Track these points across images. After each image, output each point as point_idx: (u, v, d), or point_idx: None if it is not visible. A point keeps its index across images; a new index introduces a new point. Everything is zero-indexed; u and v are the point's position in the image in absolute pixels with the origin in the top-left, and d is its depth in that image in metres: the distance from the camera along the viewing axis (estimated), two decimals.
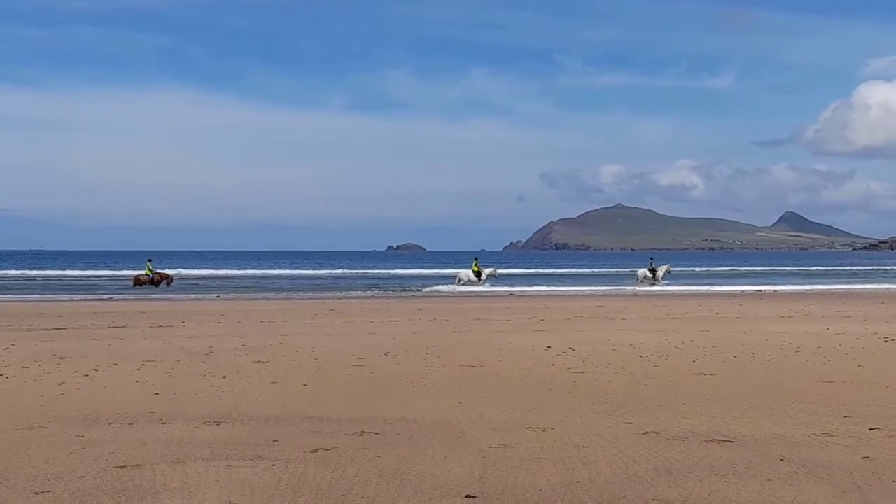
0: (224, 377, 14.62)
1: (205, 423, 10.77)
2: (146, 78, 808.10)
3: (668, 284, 59.94)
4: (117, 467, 8.54)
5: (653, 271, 63.63)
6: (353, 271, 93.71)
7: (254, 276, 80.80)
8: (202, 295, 48.99)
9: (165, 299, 44.16)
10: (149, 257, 61.23)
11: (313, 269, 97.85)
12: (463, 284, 58.14)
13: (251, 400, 12.42)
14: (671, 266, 66.63)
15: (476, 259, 62.55)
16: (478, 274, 59.11)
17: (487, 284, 58.38)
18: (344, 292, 52.53)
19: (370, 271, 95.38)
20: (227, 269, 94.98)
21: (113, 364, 16.23)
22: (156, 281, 57.03)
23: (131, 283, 58.60)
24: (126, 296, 47.94)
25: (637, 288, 57.92)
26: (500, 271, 64.08)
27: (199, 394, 13.00)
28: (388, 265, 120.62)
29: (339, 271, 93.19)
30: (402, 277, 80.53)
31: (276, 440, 9.74)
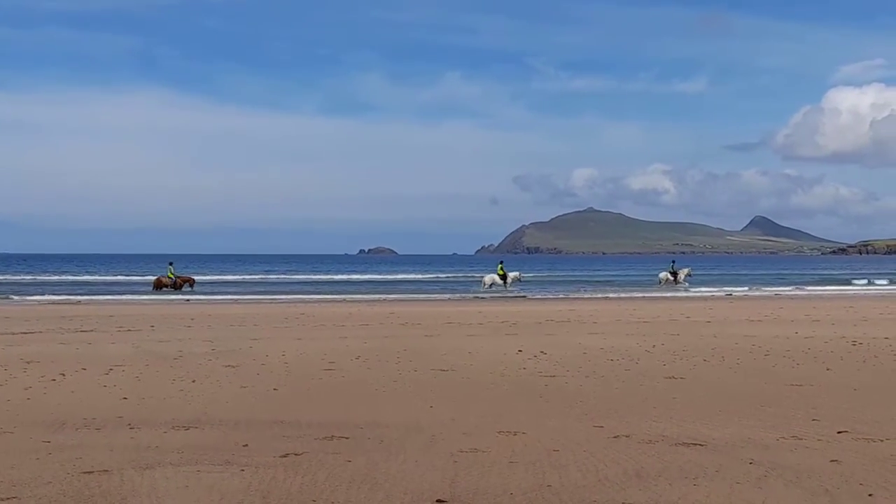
0: (193, 381, 14.51)
1: (173, 427, 10.68)
2: (117, 79, 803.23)
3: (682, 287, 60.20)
4: (84, 473, 8.45)
5: (674, 274, 64.45)
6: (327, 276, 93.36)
7: (224, 281, 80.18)
8: (172, 298, 48.65)
9: (135, 303, 43.87)
10: (170, 261, 60.74)
11: (286, 274, 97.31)
12: (488, 288, 58.23)
13: (220, 404, 12.33)
14: (691, 269, 67.18)
15: (501, 263, 62.79)
16: (503, 278, 59.38)
17: (513, 288, 58.58)
18: (317, 296, 52.39)
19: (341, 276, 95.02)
20: (198, 272, 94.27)
21: (80, 368, 16.06)
22: (178, 284, 56.22)
23: (152, 286, 57.77)
24: (95, 299, 47.53)
25: (659, 291, 58.98)
26: (524, 276, 63.70)
27: (168, 398, 12.89)
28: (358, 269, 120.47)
29: (318, 276, 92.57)
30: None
31: (246, 445, 9.67)
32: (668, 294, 55.11)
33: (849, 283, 71.62)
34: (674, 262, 70.58)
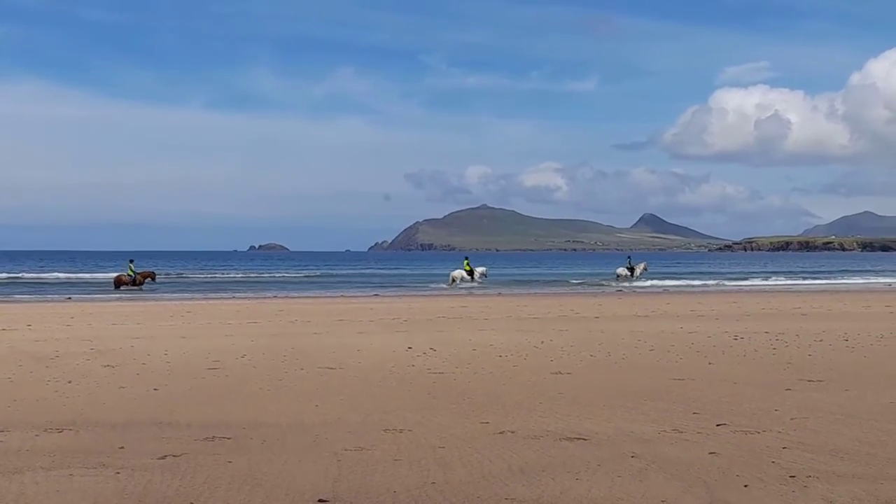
0: (69, 382, 14.00)
1: (46, 430, 10.27)
2: None
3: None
4: None
5: (631, 269, 65.68)
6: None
7: (107, 280, 77.58)
8: (52, 297, 47.09)
9: (11, 301, 42.29)
10: (130, 258, 58.96)
11: (173, 271, 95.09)
12: (456, 284, 58.20)
13: (97, 406, 11.91)
14: (647, 264, 68.45)
15: (467, 259, 62.90)
16: (470, 273, 59.60)
17: (480, 283, 59.03)
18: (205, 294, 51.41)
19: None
20: (82, 270, 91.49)
21: None
22: (138, 281, 54.62)
23: (112, 284, 55.92)
24: None
25: (617, 284, 61.09)
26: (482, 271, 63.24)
27: (42, 400, 12.39)
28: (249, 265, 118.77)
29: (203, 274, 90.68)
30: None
31: (122, 447, 9.36)
32: (561, 290, 55.94)
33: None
34: (629, 257, 72.15)
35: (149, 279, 56.12)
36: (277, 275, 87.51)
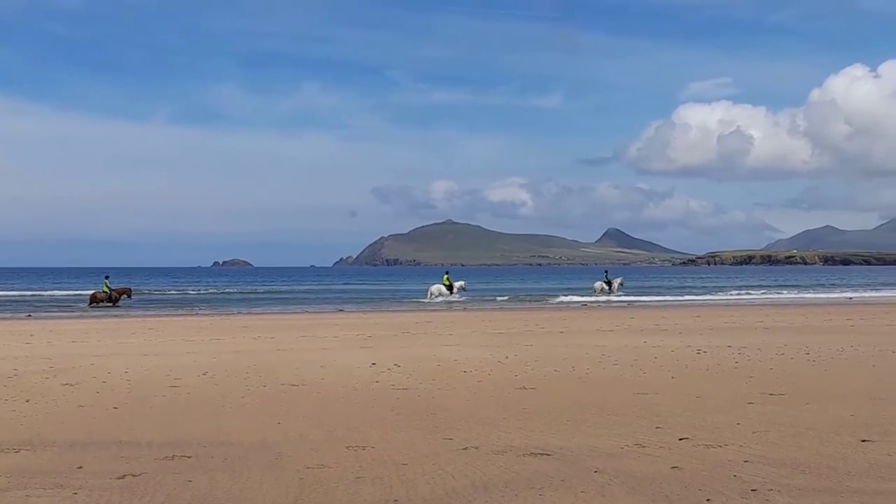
0: (27, 401, 13.79)
1: (2, 450, 10.10)
2: None
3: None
4: None
5: (609, 283, 66.65)
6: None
7: (69, 297, 76.63)
8: (11, 314, 46.43)
9: None
10: (106, 274, 58.41)
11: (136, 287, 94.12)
12: (435, 298, 59.55)
13: (56, 425, 11.73)
14: (624, 279, 69.56)
15: (447, 273, 63.64)
16: (449, 287, 60.62)
17: (458, 296, 60.26)
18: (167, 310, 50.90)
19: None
20: (42, 288, 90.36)
21: None
22: (113, 298, 54.23)
23: (87, 301, 55.39)
24: None
25: (594, 298, 62.02)
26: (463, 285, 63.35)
27: None
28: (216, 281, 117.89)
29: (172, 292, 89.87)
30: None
31: (81, 467, 9.22)
32: (526, 305, 56.04)
33: None
34: (606, 271, 73.27)
35: (124, 296, 55.72)
36: (241, 290, 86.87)
